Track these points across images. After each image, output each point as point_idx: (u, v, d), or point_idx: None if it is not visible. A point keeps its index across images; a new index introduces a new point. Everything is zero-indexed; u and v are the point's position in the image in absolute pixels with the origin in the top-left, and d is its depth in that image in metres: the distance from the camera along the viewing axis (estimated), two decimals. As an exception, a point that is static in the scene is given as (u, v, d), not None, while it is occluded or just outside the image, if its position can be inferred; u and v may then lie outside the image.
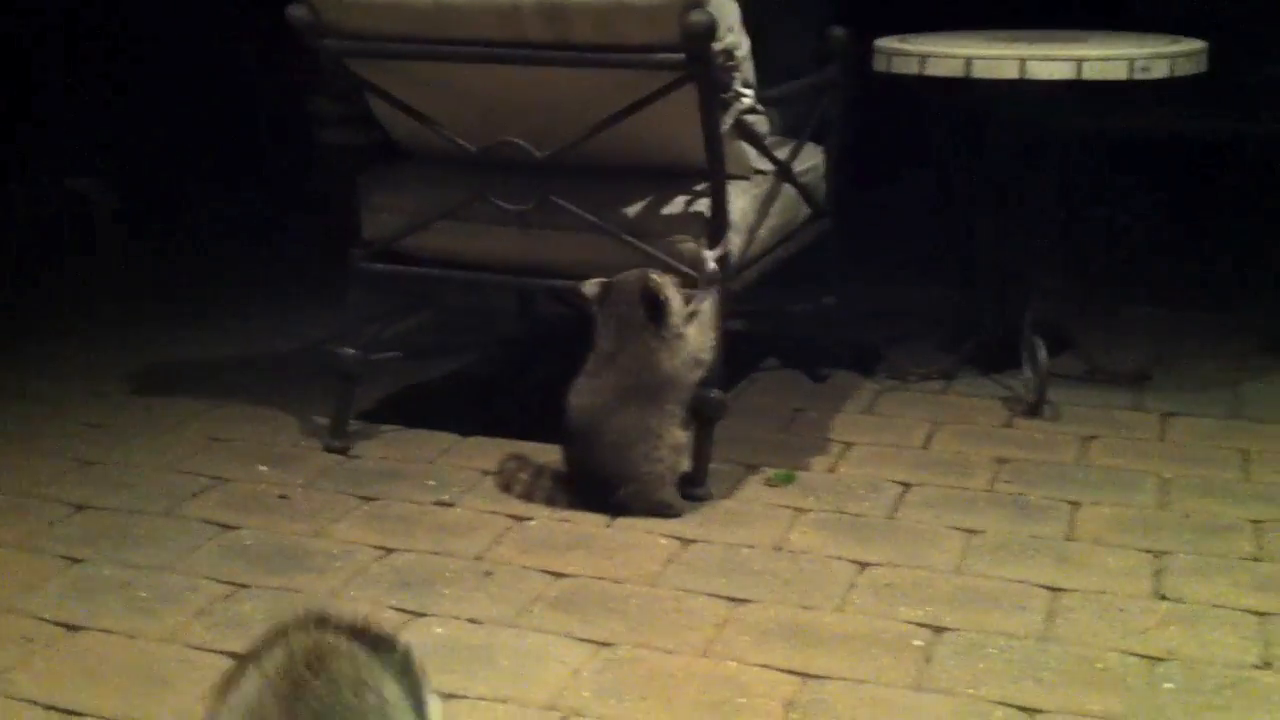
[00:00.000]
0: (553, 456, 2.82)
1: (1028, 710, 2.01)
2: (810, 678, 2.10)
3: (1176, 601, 2.33)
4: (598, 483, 2.71)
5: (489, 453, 2.98)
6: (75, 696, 2.06)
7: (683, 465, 2.76)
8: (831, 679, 2.10)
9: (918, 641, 2.21)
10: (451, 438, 3.12)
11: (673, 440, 2.71)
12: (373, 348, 3.16)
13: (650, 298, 2.67)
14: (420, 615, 2.31)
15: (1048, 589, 2.38)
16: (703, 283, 2.75)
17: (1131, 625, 2.25)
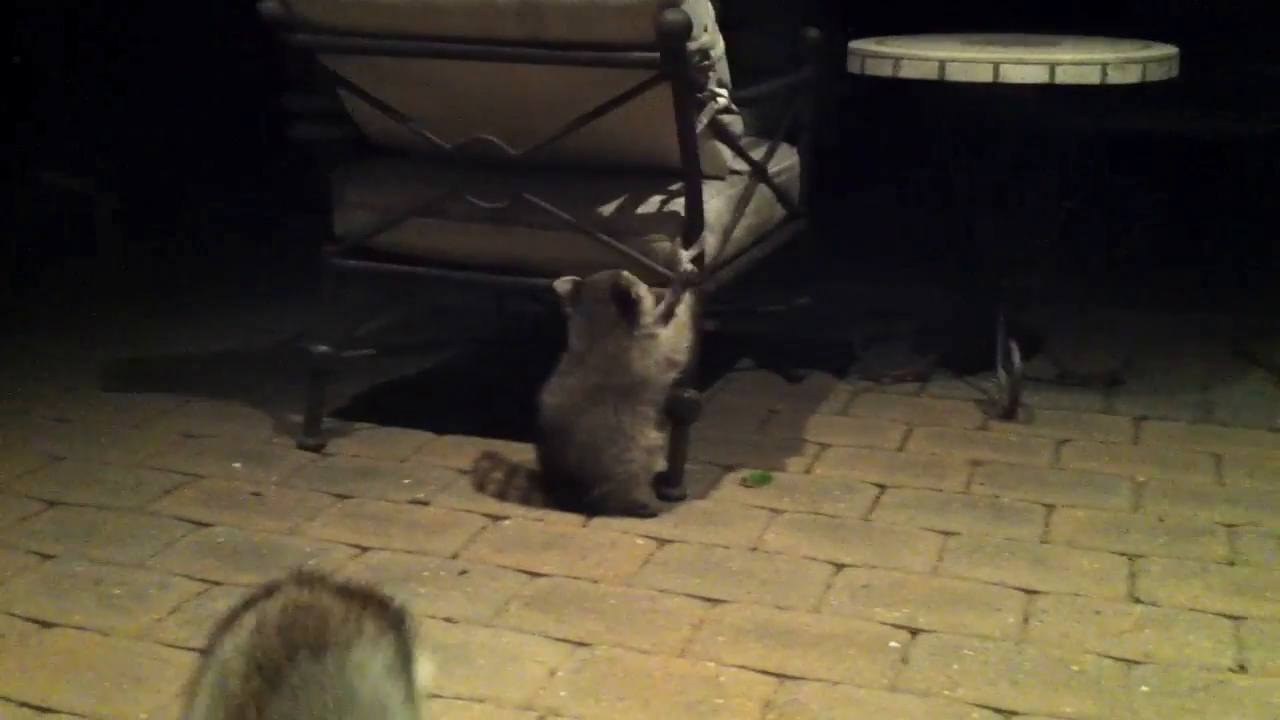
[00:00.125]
0: (527, 455, 2.81)
1: (1003, 712, 2.01)
2: (786, 678, 2.10)
3: (1151, 604, 2.34)
4: (571, 483, 2.70)
5: (464, 451, 2.97)
6: (47, 693, 2.05)
7: (658, 465, 2.76)
8: (808, 680, 2.10)
9: (894, 643, 2.21)
10: (426, 435, 3.11)
11: (646, 442, 2.70)
12: (346, 345, 3.15)
13: (621, 295, 2.66)
14: (395, 614, 2.30)
15: (1023, 591, 2.39)
16: (677, 283, 2.74)
17: (1107, 628, 2.26)
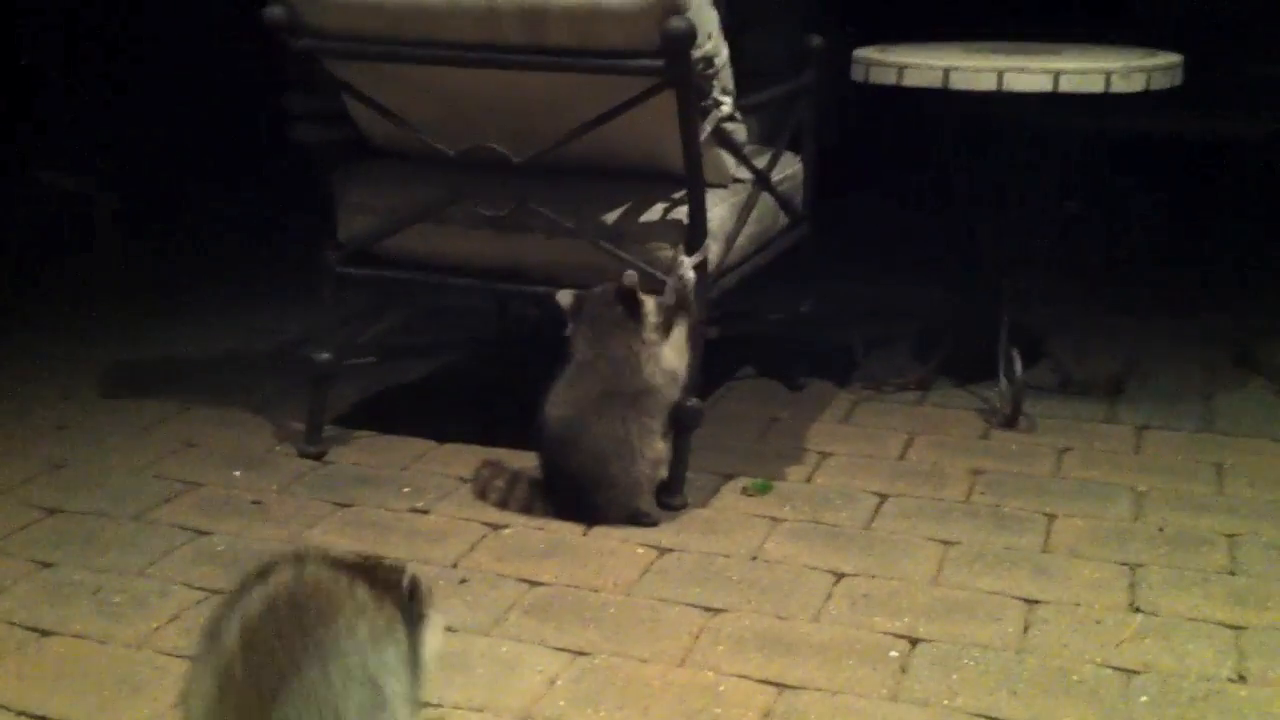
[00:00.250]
0: (528, 462, 2.81)
1: (1003, 722, 2.02)
2: (786, 688, 2.10)
3: (1151, 614, 2.34)
4: (575, 492, 2.70)
5: (465, 459, 2.97)
6: (45, 701, 2.05)
7: (661, 475, 2.76)
8: (807, 689, 2.09)
9: (894, 652, 2.21)
10: (427, 444, 3.10)
11: (652, 453, 2.70)
12: (348, 351, 3.14)
13: (627, 296, 2.67)
14: (395, 622, 2.29)
15: (1023, 600, 2.39)
16: (677, 288, 2.74)
17: (1106, 637, 2.26)
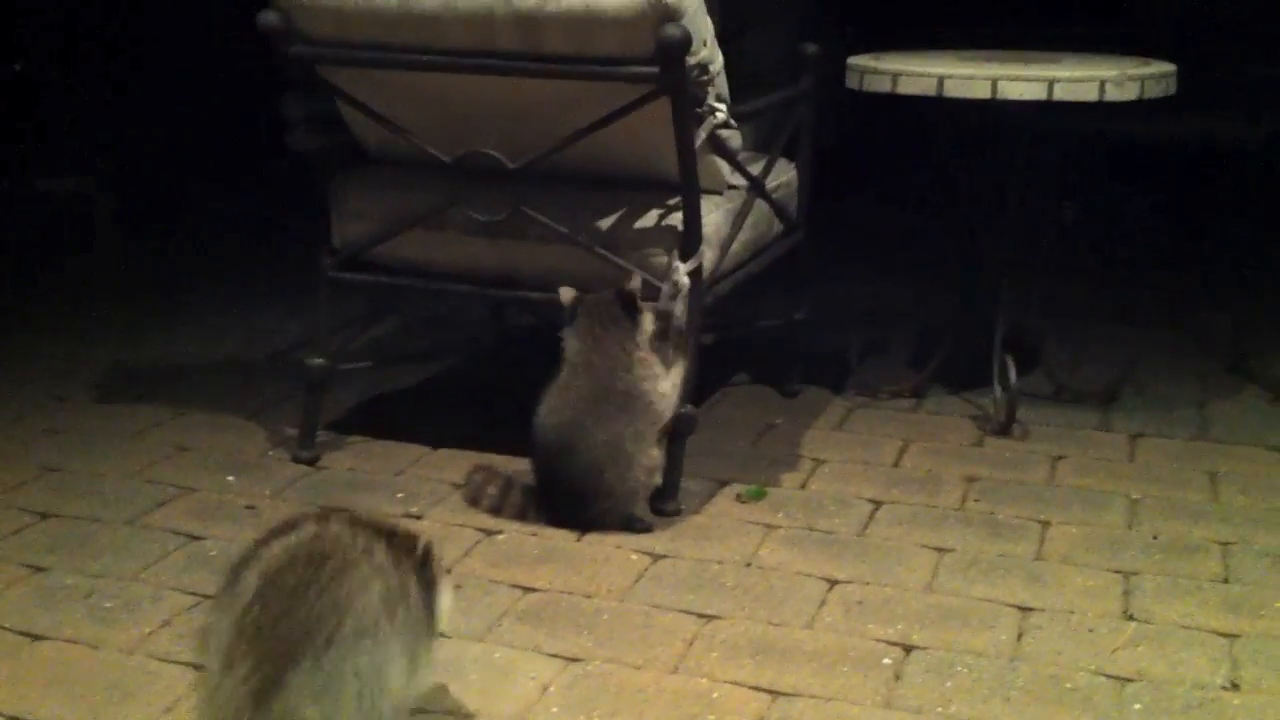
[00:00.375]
0: (522, 467, 2.80)
1: (997, 730, 2.02)
2: (780, 695, 2.10)
3: (1145, 622, 2.34)
4: (569, 500, 2.70)
5: (458, 465, 2.96)
6: (37, 707, 2.04)
7: (655, 481, 2.75)
8: (801, 696, 2.09)
9: (887, 659, 2.21)
10: (421, 449, 3.10)
11: (647, 461, 2.70)
12: (342, 357, 3.14)
13: (627, 299, 2.67)
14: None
15: (1017, 608, 2.39)
16: (667, 294, 2.74)
17: (1100, 645, 2.25)
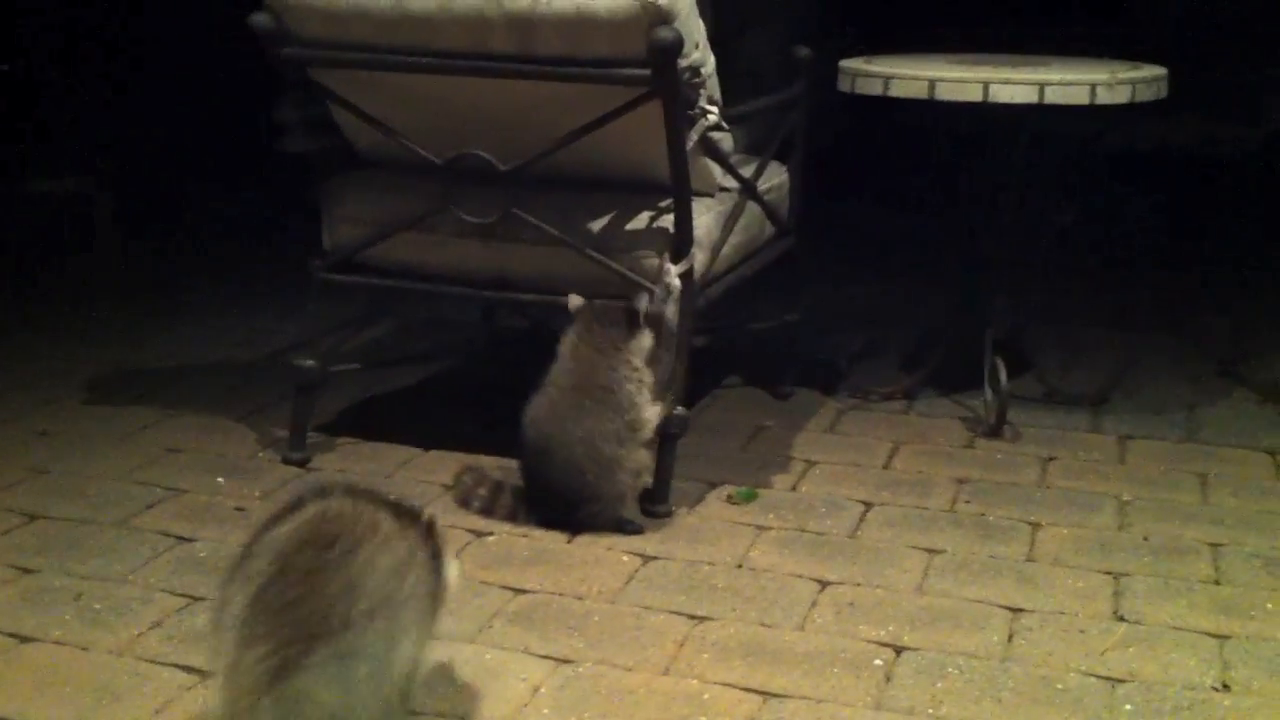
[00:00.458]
0: (512, 469, 2.80)
1: (988, 731, 2.01)
2: (771, 696, 2.09)
3: (1135, 623, 2.34)
4: (553, 497, 2.69)
5: (449, 466, 2.95)
6: (25, 708, 2.03)
7: (644, 483, 2.75)
8: (792, 697, 2.09)
9: (878, 661, 2.21)
10: (412, 451, 3.10)
11: (633, 464, 2.69)
12: (333, 359, 3.13)
13: (630, 315, 2.67)
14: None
15: (1008, 609, 2.39)
16: (660, 297, 2.74)
17: (1091, 646, 2.26)
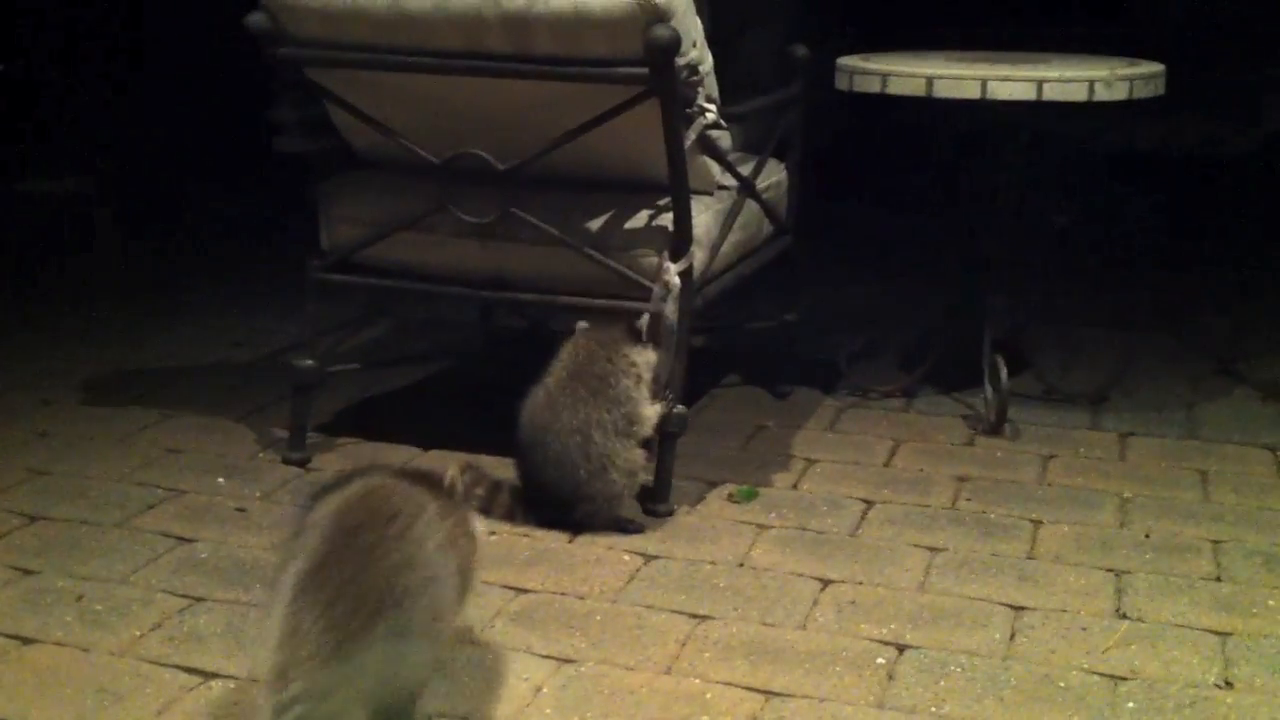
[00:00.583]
0: (510, 469, 2.79)
1: (991, 729, 2.01)
2: (773, 695, 2.09)
3: (1137, 621, 2.34)
4: (546, 492, 2.69)
5: (448, 466, 2.95)
6: (26, 710, 2.03)
7: (640, 482, 2.74)
8: (794, 696, 2.09)
9: (880, 659, 2.21)
10: (411, 450, 3.09)
11: (626, 463, 2.68)
12: (331, 359, 3.13)
13: (633, 332, 2.68)
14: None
15: (1010, 607, 2.39)
16: (659, 297, 2.74)
17: (1093, 644, 2.25)
